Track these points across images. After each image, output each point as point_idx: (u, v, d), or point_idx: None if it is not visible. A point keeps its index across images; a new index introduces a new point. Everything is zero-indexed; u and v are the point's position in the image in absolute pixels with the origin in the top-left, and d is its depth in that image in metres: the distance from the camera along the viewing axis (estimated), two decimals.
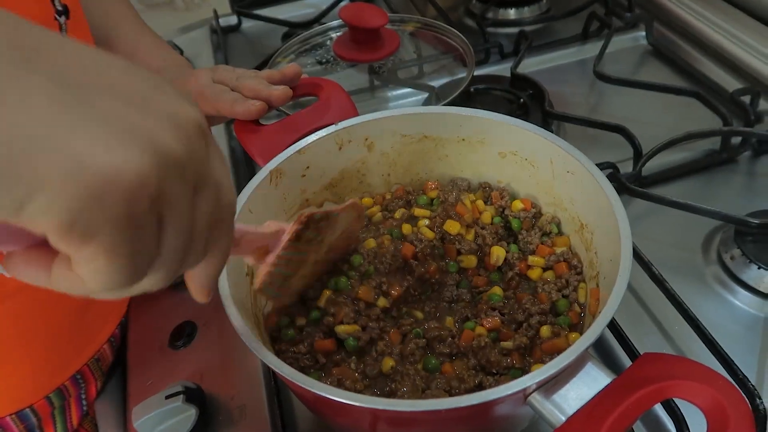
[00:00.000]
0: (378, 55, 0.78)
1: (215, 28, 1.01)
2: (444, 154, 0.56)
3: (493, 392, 0.34)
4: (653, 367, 0.35)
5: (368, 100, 0.80)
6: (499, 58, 0.88)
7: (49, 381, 0.56)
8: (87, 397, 0.59)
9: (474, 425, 0.40)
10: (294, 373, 0.36)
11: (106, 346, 0.60)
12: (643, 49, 0.89)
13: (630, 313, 0.55)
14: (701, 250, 0.61)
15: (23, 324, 0.52)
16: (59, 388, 0.56)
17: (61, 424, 0.58)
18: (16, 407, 0.54)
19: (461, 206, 0.52)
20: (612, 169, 0.65)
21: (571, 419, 0.34)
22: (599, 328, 0.36)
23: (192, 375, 0.55)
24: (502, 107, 0.78)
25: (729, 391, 0.32)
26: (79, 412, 0.59)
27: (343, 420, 0.42)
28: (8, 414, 0.54)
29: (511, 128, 0.51)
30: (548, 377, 0.35)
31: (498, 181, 0.55)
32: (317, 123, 0.53)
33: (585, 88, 0.83)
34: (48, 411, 0.57)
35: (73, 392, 0.58)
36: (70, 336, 0.56)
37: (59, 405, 0.57)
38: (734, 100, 0.73)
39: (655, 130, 0.70)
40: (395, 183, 0.58)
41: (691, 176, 0.68)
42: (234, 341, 0.57)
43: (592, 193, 0.45)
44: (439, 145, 0.55)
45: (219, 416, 0.51)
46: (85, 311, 0.57)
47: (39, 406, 0.56)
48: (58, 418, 0.58)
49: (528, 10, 0.97)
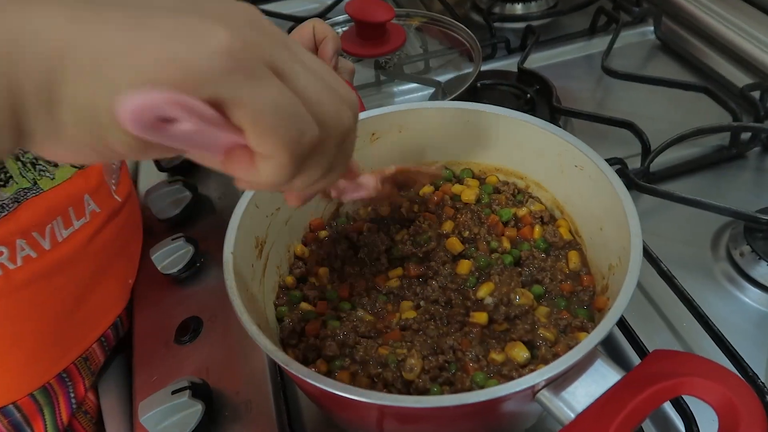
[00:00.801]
0: (384, 50, 0.78)
1: None
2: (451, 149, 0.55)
3: (501, 389, 0.34)
4: (663, 364, 0.35)
5: (374, 95, 0.80)
6: (505, 53, 0.88)
7: (34, 379, 0.55)
8: (76, 395, 0.59)
9: (482, 421, 0.40)
10: (301, 369, 0.36)
11: (95, 346, 0.60)
12: (651, 44, 0.88)
13: (638, 310, 0.55)
14: (710, 247, 0.60)
15: (10, 324, 0.52)
16: (44, 387, 0.56)
17: (51, 421, 0.58)
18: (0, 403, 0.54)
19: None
20: (620, 164, 0.65)
21: (581, 416, 0.34)
22: (609, 324, 0.35)
23: (198, 370, 0.55)
24: (509, 102, 0.77)
25: (740, 388, 0.32)
26: (69, 410, 0.59)
27: (350, 415, 0.42)
28: None
29: (519, 122, 0.51)
30: (557, 374, 0.34)
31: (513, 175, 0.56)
32: None
33: (592, 84, 0.83)
34: (33, 408, 0.56)
35: (59, 391, 0.58)
36: (57, 337, 0.55)
37: (46, 402, 0.57)
38: (744, 96, 0.72)
39: (663, 125, 0.69)
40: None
41: (699, 172, 0.68)
42: (240, 337, 0.56)
43: (601, 188, 0.45)
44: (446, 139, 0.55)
45: (225, 411, 0.51)
46: (74, 314, 0.56)
47: (23, 403, 0.55)
48: (47, 415, 0.58)
49: (535, 4, 0.96)
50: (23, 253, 0.49)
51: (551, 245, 0.50)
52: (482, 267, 0.48)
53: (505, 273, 0.47)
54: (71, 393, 0.59)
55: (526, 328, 0.43)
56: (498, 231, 0.51)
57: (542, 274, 0.48)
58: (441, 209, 0.54)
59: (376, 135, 0.54)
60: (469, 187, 0.54)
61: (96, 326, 0.60)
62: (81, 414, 0.61)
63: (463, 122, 0.53)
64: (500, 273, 0.47)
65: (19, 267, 0.49)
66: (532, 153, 0.52)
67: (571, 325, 0.44)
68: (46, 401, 0.57)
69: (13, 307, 0.51)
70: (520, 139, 0.52)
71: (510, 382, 0.34)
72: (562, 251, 0.50)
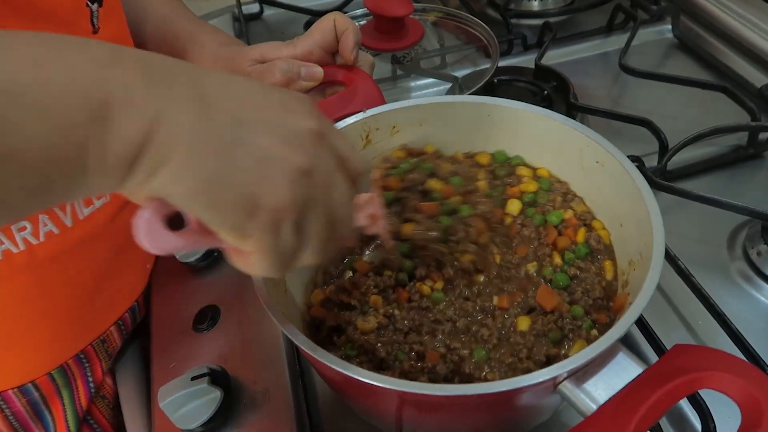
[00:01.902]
0: (401, 44, 0.78)
1: (237, 16, 1.01)
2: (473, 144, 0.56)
3: (524, 379, 0.34)
4: (685, 359, 0.35)
5: (391, 89, 0.80)
6: (522, 50, 0.88)
7: (52, 358, 0.56)
8: (94, 378, 0.60)
9: (501, 412, 0.40)
10: (322, 353, 0.36)
11: (113, 329, 0.61)
12: (668, 42, 0.88)
13: (655, 308, 0.55)
14: (726, 246, 0.60)
15: (31, 302, 0.52)
16: (62, 367, 0.57)
17: (70, 403, 0.59)
18: (18, 381, 0.55)
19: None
20: (637, 162, 0.65)
21: (602, 408, 0.34)
22: (632, 318, 0.36)
23: (215, 358, 0.55)
24: (526, 99, 0.77)
25: (763, 382, 0.32)
26: (87, 392, 0.60)
27: (370, 402, 0.42)
28: (10, 388, 0.55)
29: (539, 117, 0.51)
30: (579, 366, 0.35)
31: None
32: (345, 110, 0.53)
33: (609, 81, 0.83)
34: (51, 388, 0.57)
35: (77, 372, 0.58)
36: (77, 317, 0.56)
37: (64, 384, 0.58)
38: (762, 95, 0.72)
39: (680, 124, 0.69)
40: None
41: (716, 171, 0.68)
42: (258, 326, 0.57)
43: (623, 185, 0.45)
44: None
45: (243, 399, 0.52)
46: (94, 295, 0.57)
47: (41, 382, 0.56)
48: (65, 397, 0.58)
49: (552, 1, 0.96)
50: (46, 229, 0.50)
51: (592, 251, 0.49)
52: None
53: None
54: (89, 375, 0.59)
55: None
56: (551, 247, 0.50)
57: (579, 287, 0.47)
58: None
59: (397, 128, 0.54)
60: (525, 187, 0.52)
61: (115, 309, 0.60)
62: (99, 399, 0.62)
63: (484, 116, 0.53)
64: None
65: (42, 243, 0.50)
66: (552, 148, 0.52)
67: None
68: (64, 382, 0.58)
69: (36, 284, 0.52)
70: (540, 133, 0.52)
71: (533, 372, 0.34)
72: (597, 259, 0.49)
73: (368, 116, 0.52)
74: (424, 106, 0.53)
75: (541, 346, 0.43)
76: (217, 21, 1.05)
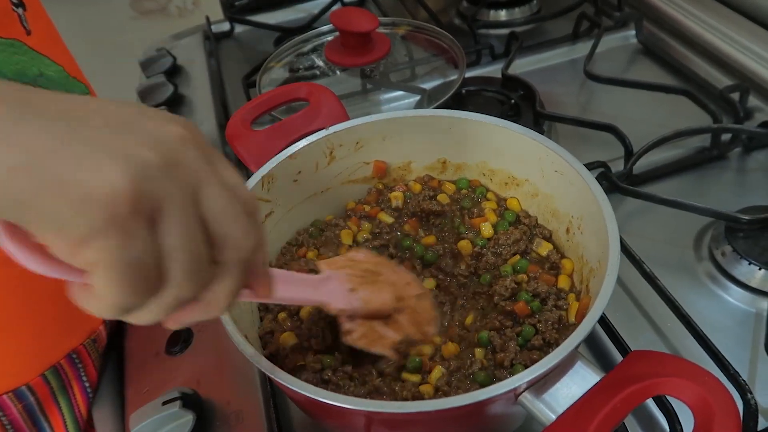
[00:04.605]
0: (369, 58, 0.79)
1: (208, 34, 1.02)
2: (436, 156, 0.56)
3: (483, 392, 0.34)
4: (641, 365, 0.35)
5: (361, 103, 0.81)
6: (490, 60, 0.89)
7: (42, 357, 0.56)
8: (89, 380, 0.59)
9: (469, 424, 0.41)
10: (286, 377, 0.36)
11: (101, 327, 0.61)
12: (633, 48, 0.89)
13: (623, 311, 0.56)
14: (692, 247, 0.61)
15: (10, 296, 0.52)
16: (54, 366, 0.56)
17: (68, 409, 0.58)
18: (12, 384, 0.54)
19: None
20: (603, 168, 0.65)
21: (561, 417, 0.34)
22: (588, 326, 0.36)
23: (188, 381, 0.55)
24: (493, 108, 0.78)
25: (715, 387, 0.33)
26: (85, 398, 0.59)
27: (338, 422, 0.42)
28: (4, 392, 0.54)
29: (498, 129, 0.52)
30: (538, 376, 0.35)
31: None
32: (308, 127, 0.54)
33: (576, 88, 0.84)
34: (46, 391, 0.57)
35: (70, 372, 0.58)
36: (59, 312, 0.56)
37: (58, 385, 0.57)
38: (724, 97, 0.73)
39: (645, 128, 0.70)
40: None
41: (681, 174, 0.69)
42: (230, 347, 0.56)
43: (581, 193, 0.46)
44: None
45: (216, 421, 0.52)
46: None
47: (35, 384, 0.55)
48: (62, 402, 0.58)
49: (518, 11, 0.98)
50: None
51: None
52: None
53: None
54: (83, 377, 0.59)
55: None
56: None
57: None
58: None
59: (360, 143, 0.54)
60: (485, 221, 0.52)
61: None
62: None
63: (446, 129, 0.54)
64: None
65: None
66: (513, 158, 0.53)
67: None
68: (59, 384, 0.57)
69: (15, 276, 0.51)
70: (502, 144, 0.53)
71: (492, 385, 0.35)
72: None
73: (331, 133, 0.53)
74: (385, 121, 0.54)
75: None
76: (189, 40, 1.05)
